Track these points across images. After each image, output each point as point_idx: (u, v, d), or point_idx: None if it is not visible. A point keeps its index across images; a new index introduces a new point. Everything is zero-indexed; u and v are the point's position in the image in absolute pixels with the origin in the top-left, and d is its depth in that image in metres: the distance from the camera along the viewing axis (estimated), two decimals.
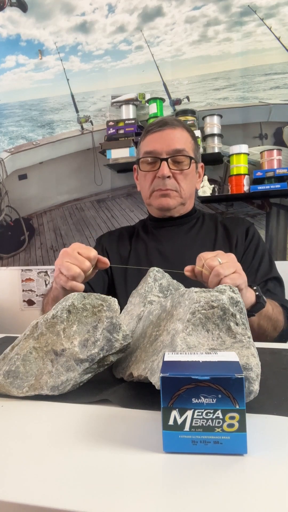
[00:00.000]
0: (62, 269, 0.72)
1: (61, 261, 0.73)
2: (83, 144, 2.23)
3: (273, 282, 1.01)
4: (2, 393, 0.53)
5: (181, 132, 1.04)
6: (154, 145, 1.03)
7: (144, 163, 1.06)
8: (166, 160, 1.01)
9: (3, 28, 2.32)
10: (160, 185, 1.02)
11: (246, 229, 1.08)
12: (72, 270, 0.71)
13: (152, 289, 0.67)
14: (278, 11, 1.90)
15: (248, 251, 1.04)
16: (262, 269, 1.02)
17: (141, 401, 0.49)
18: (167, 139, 1.02)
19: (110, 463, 0.36)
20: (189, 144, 1.05)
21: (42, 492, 0.32)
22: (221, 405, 0.35)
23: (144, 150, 1.05)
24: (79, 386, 0.53)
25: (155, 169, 1.03)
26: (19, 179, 2.33)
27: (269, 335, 0.88)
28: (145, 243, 1.10)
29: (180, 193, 1.04)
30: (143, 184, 1.09)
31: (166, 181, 1.01)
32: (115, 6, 2.13)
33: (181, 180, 1.03)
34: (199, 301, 0.47)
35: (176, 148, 1.01)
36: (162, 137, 1.02)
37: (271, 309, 0.86)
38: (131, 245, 1.12)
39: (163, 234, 1.10)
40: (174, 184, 1.03)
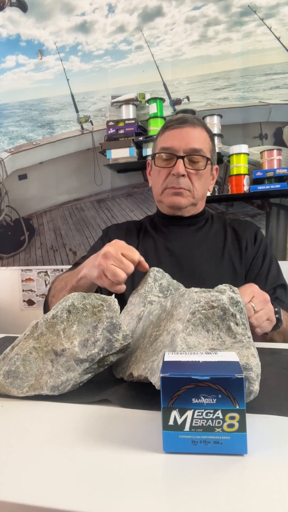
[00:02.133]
0: (107, 273, 0.69)
1: (106, 263, 0.69)
2: (83, 144, 2.23)
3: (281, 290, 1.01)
4: (2, 393, 0.53)
5: (200, 131, 1.02)
6: (172, 141, 1.01)
7: (159, 158, 1.03)
8: (183, 158, 0.99)
9: (3, 28, 2.32)
10: (174, 183, 1.00)
11: (254, 233, 1.08)
12: (118, 276, 0.68)
13: (152, 289, 0.67)
14: (278, 11, 1.90)
15: (257, 257, 1.05)
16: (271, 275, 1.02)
17: (141, 401, 0.49)
18: (185, 137, 1.00)
19: (110, 463, 0.36)
20: (207, 145, 1.03)
21: (42, 492, 0.32)
22: (221, 405, 0.35)
23: (161, 145, 1.03)
24: (79, 386, 0.53)
25: (170, 166, 1.01)
26: (19, 179, 2.33)
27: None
28: (153, 239, 1.09)
29: (193, 193, 1.02)
30: (156, 180, 1.07)
31: (180, 180, 0.99)
32: (115, 6, 2.13)
33: (195, 180, 1.01)
34: (199, 301, 0.47)
35: (194, 147, 0.99)
36: (181, 134, 1.00)
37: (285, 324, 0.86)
38: (139, 240, 1.10)
39: (172, 232, 1.08)
40: (188, 184, 1.01)
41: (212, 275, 1.00)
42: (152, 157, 1.08)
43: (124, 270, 0.69)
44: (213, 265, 1.02)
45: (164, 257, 1.04)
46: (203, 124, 1.06)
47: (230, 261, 1.03)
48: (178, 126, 1.01)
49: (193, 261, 1.02)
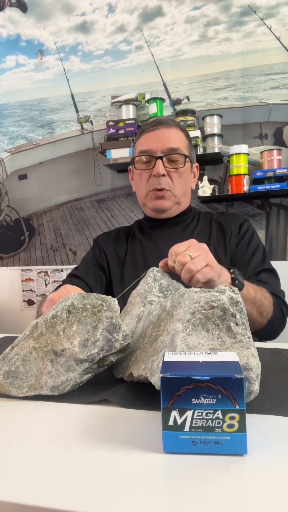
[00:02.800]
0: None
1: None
2: (83, 144, 2.23)
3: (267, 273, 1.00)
4: (2, 393, 0.53)
5: (175, 131, 1.05)
6: (149, 144, 1.03)
7: (139, 162, 1.06)
8: (161, 159, 1.01)
9: (3, 28, 2.32)
10: (155, 183, 1.02)
11: (240, 224, 1.08)
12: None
13: (152, 289, 0.67)
14: (278, 11, 1.90)
15: (241, 244, 1.05)
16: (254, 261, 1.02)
17: (141, 401, 0.49)
18: (162, 138, 1.02)
19: (110, 463, 0.36)
20: (183, 143, 1.05)
21: (42, 492, 0.32)
22: (221, 405, 0.35)
23: (139, 149, 1.06)
24: (79, 386, 0.53)
25: (150, 167, 1.03)
26: (19, 179, 2.33)
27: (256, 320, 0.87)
28: (141, 243, 1.11)
29: (174, 192, 1.04)
30: (139, 184, 1.09)
31: (161, 180, 1.02)
32: (115, 6, 2.13)
33: (176, 178, 1.03)
34: (199, 301, 0.47)
35: (170, 147, 1.02)
36: (157, 136, 1.03)
37: (254, 293, 0.84)
38: (128, 245, 1.12)
39: (158, 234, 1.10)
40: (169, 183, 1.03)
41: None
42: (132, 162, 1.10)
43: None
44: None
45: (152, 259, 1.05)
46: (178, 124, 1.08)
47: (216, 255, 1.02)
48: (153, 129, 1.04)
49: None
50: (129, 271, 1.06)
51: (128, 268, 1.07)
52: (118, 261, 1.10)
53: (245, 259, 1.02)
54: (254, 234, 1.09)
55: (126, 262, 1.08)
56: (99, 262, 1.11)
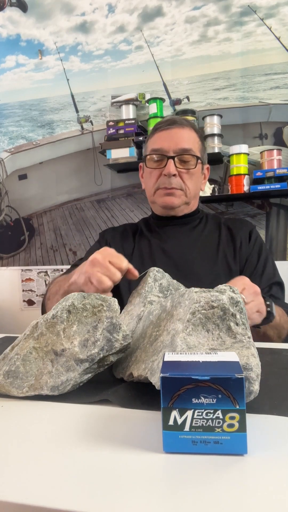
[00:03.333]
0: (93, 280, 0.69)
1: (92, 270, 0.70)
2: (83, 144, 2.23)
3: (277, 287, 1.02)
4: (2, 393, 0.53)
5: (189, 132, 1.04)
6: (162, 143, 1.03)
7: (150, 160, 1.05)
8: (173, 158, 1.01)
9: (3, 28, 2.32)
10: (166, 183, 1.02)
11: (249, 232, 1.09)
12: (104, 283, 0.68)
13: (152, 289, 0.67)
14: (278, 11, 1.90)
15: (252, 255, 1.05)
16: (267, 273, 1.03)
17: (141, 401, 0.49)
18: (175, 138, 1.02)
19: (110, 463, 0.36)
20: (196, 145, 1.05)
21: (42, 492, 0.32)
22: (221, 405, 0.35)
23: (151, 147, 1.05)
24: (79, 386, 0.53)
25: (161, 166, 1.03)
26: (19, 179, 2.33)
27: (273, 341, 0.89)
28: (148, 241, 1.10)
29: (185, 192, 1.04)
30: (148, 182, 1.08)
31: (171, 179, 1.01)
32: (115, 6, 2.13)
33: (187, 179, 1.03)
34: (199, 301, 0.47)
35: (183, 147, 1.01)
36: (170, 135, 1.03)
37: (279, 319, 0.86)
38: (135, 242, 1.12)
39: (166, 233, 1.10)
40: (180, 183, 1.03)
41: (207, 274, 1.01)
42: (143, 159, 1.10)
43: (110, 278, 0.69)
44: (208, 264, 1.03)
45: (159, 257, 1.05)
46: (192, 124, 1.08)
47: (225, 259, 1.03)
48: (167, 128, 1.04)
49: (188, 261, 1.03)
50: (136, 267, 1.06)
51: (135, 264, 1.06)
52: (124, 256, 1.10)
53: (257, 271, 1.03)
54: (262, 243, 1.10)
55: (133, 258, 1.08)
56: None
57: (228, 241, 1.07)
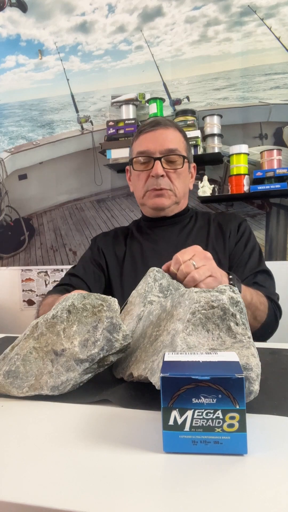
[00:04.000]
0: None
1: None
2: (83, 144, 2.23)
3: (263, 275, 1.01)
4: (2, 393, 0.53)
5: (173, 132, 1.05)
6: (147, 144, 1.03)
7: (137, 163, 1.06)
8: (160, 159, 1.01)
9: (3, 28, 2.32)
10: (154, 184, 1.03)
11: (238, 224, 1.09)
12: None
13: (152, 289, 0.67)
14: (278, 11, 1.90)
15: (239, 244, 1.05)
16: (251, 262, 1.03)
17: (141, 401, 0.49)
18: (160, 139, 1.03)
19: (110, 463, 0.36)
20: (181, 144, 1.05)
21: (42, 492, 0.32)
22: (221, 405, 0.35)
23: (137, 150, 1.06)
24: (79, 386, 0.53)
25: (149, 168, 1.04)
26: (19, 179, 2.33)
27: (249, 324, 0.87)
28: (139, 243, 1.11)
29: (174, 191, 1.05)
30: (137, 184, 1.09)
31: (160, 180, 1.02)
32: (115, 6, 2.13)
33: (175, 179, 1.04)
34: (199, 301, 0.47)
35: (169, 148, 1.02)
36: (155, 137, 1.03)
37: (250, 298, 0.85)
38: (126, 246, 1.13)
39: (157, 234, 1.10)
40: (168, 183, 1.03)
41: None
42: (130, 162, 1.10)
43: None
44: None
45: (151, 259, 1.06)
46: (176, 125, 1.08)
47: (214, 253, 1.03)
48: (151, 129, 1.04)
49: None
50: (128, 270, 1.07)
51: (127, 267, 1.08)
52: (117, 261, 1.10)
53: (242, 260, 1.03)
54: (251, 234, 1.09)
55: (125, 262, 1.09)
56: (97, 261, 1.11)
57: (217, 236, 1.07)
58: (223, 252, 1.04)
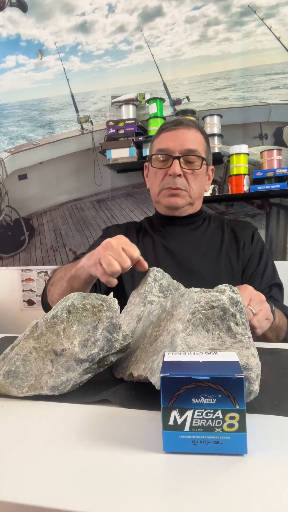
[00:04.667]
0: (103, 262, 0.70)
1: (104, 253, 0.70)
2: (83, 144, 2.23)
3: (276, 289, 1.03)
4: (2, 393, 0.53)
5: (195, 133, 1.05)
6: (168, 143, 1.03)
7: (156, 160, 1.06)
8: (179, 159, 1.01)
9: (3, 28, 2.32)
10: (171, 183, 1.03)
11: (252, 233, 1.10)
12: (112, 266, 0.68)
13: (152, 289, 0.67)
14: (278, 11, 1.90)
15: (253, 256, 1.07)
16: (267, 274, 1.04)
17: (141, 401, 0.49)
18: (181, 138, 1.03)
19: (110, 463, 0.36)
20: (202, 146, 1.05)
21: (42, 492, 0.32)
22: (221, 405, 0.35)
23: (157, 147, 1.06)
24: (79, 386, 0.53)
25: (167, 166, 1.03)
26: (19, 179, 2.33)
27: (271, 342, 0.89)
28: (152, 240, 1.11)
29: (190, 192, 1.05)
30: (153, 181, 1.09)
31: (176, 180, 1.02)
32: (115, 6, 2.13)
33: (192, 180, 1.04)
34: (199, 301, 0.47)
35: (189, 148, 1.02)
36: (176, 136, 1.03)
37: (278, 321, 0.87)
38: (138, 240, 1.12)
39: (170, 232, 1.11)
40: (184, 183, 1.03)
41: (210, 272, 1.02)
42: (149, 159, 1.10)
43: (121, 264, 0.69)
44: (211, 263, 1.03)
45: (162, 256, 1.06)
46: (198, 126, 1.09)
47: (228, 258, 1.04)
48: (173, 128, 1.04)
49: (191, 259, 1.04)
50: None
51: None
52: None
53: (259, 272, 1.04)
54: (264, 246, 1.11)
55: None
56: None
57: (231, 242, 1.08)
58: (236, 259, 1.05)
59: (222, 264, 1.03)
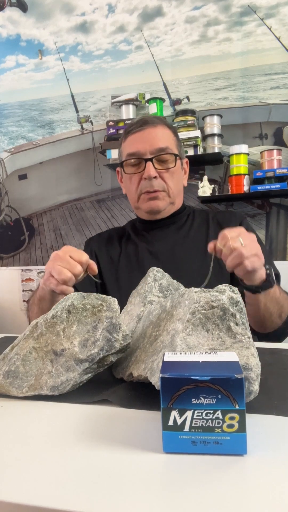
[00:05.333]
0: (53, 273, 0.73)
1: (53, 264, 0.73)
2: (83, 144, 2.23)
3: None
4: (2, 393, 0.53)
5: (162, 129, 1.02)
6: (137, 145, 1.00)
7: (128, 165, 1.03)
8: (151, 160, 0.98)
9: (3, 28, 2.32)
10: (148, 186, 1.00)
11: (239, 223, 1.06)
12: (63, 274, 0.71)
13: (152, 289, 0.67)
14: (278, 11, 1.90)
15: None
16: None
17: (141, 401, 0.49)
18: (149, 139, 0.99)
19: (110, 463, 0.36)
20: (172, 141, 1.02)
21: (42, 492, 0.32)
22: (221, 405, 0.35)
23: (126, 152, 1.02)
24: (79, 386, 0.53)
25: (140, 170, 1.00)
26: (19, 179, 2.33)
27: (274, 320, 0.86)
28: (135, 245, 1.08)
29: (168, 192, 1.02)
30: (129, 187, 1.06)
31: (153, 182, 0.99)
32: (115, 6, 2.13)
33: (168, 178, 1.01)
34: (199, 301, 0.47)
35: (159, 147, 0.99)
36: (144, 136, 1.00)
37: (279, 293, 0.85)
38: (121, 247, 1.10)
39: (153, 235, 1.08)
40: (162, 184, 1.00)
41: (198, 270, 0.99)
42: (120, 165, 1.07)
43: (70, 270, 0.72)
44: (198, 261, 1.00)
45: (147, 260, 1.03)
46: (164, 121, 1.05)
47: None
48: (139, 129, 1.01)
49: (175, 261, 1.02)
50: (124, 272, 1.05)
51: (122, 269, 1.06)
52: (111, 264, 1.08)
53: None
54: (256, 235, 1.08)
55: (120, 263, 1.07)
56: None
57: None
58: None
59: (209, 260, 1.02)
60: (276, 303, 0.85)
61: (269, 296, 0.82)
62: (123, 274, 1.05)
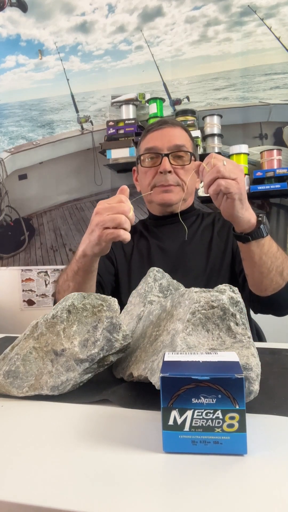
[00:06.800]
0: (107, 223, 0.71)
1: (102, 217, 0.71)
2: (83, 144, 2.23)
3: None
4: (2, 393, 0.53)
5: (180, 130, 1.07)
6: (155, 141, 1.05)
7: (144, 160, 1.07)
8: (167, 156, 1.02)
9: (3, 28, 2.31)
10: (162, 180, 1.03)
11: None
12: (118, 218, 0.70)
13: (152, 289, 0.67)
14: (278, 11, 1.90)
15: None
16: None
17: (141, 401, 0.49)
18: (167, 136, 1.04)
19: (110, 463, 0.36)
20: (188, 142, 1.07)
21: (42, 492, 0.32)
22: (221, 405, 0.35)
23: (144, 147, 1.07)
24: (79, 386, 0.53)
25: (156, 165, 1.04)
26: (19, 179, 2.33)
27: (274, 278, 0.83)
28: (147, 241, 1.12)
29: (182, 187, 1.05)
30: (144, 182, 1.09)
31: (168, 176, 1.02)
32: (115, 6, 2.13)
33: (182, 174, 1.04)
34: (199, 301, 0.47)
35: (176, 144, 1.03)
36: (162, 134, 1.05)
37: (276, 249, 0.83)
38: (134, 242, 1.13)
39: (163, 232, 1.11)
40: (176, 179, 1.04)
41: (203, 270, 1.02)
42: (137, 160, 1.11)
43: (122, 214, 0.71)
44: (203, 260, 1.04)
45: (157, 256, 1.07)
46: (182, 125, 1.11)
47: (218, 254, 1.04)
48: (158, 128, 1.06)
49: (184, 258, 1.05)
50: (136, 267, 1.07)
51: (134, 264, 1.08)
52: (124, 257, 1.11)
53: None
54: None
55: (133, 258, 1.10)
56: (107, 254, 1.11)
57: (221, 235, 1.08)
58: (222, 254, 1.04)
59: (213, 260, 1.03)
60: (275, 258, 0.82)
61: (263, 248, 0.80)
62: (135, 268, 1.07)
